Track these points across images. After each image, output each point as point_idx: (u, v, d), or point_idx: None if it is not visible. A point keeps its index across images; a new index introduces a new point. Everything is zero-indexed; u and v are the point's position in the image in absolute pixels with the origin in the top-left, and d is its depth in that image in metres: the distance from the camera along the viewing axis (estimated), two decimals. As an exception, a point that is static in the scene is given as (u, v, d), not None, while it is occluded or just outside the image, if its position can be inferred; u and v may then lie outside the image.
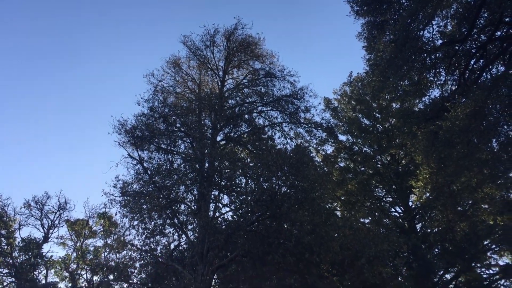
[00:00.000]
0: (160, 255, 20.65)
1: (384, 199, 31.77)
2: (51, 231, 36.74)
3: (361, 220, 29.11)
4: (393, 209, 31.03)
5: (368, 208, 29.80)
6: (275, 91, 26.12)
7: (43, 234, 36.27)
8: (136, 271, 22.03)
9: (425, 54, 19.70)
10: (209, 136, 23.11)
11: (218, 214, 21.23)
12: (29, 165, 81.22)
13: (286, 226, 19.33)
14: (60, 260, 35.63)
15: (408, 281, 26.45)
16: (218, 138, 24.10)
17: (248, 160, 22.20)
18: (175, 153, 22.62)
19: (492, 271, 27.68)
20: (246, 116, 24.67)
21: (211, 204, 21.11)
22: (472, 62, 20.12)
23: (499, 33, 18.95)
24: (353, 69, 70.96)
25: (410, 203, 29.71)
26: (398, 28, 18.39)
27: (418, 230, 28.86)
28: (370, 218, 29.53)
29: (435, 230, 28.03)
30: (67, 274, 35.53)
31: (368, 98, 31.97)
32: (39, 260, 34.11)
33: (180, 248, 21.56)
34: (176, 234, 21.02)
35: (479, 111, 17.43)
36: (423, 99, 23.73)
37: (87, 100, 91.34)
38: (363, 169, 31.14)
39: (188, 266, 19.75)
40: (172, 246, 21.19)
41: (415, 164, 26.17)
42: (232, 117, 23.70)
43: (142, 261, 21.62)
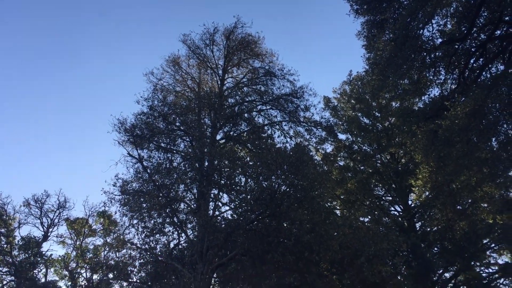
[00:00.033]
0: (160, 254, 20.67)
1: (384, 198, 31.79)
2: (51, 230, 36.79)
3: (361, 219, 29.17)
4: (393, 208, 31.08)
5: (368, 207, 29.81)
6: (275, 90, 26.18)
7: (43, 233, 36.31)
8: (136, 270, 22.10)
9: (425, 53, 19.67)
10: (209, 135, 23.10)
11: (218, 213, 21.26)
12: (29, 164, 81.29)
13: (286, 225, 19.34)
14: (60, 259, 35.71)
15: (408, 280, 26.50)
16: (218, 137, 24.13)
17: (248, 159, 22.19)
18: (175, 152, 22.64)
19: (492, 270, 27.77)
20: (246, 115, 24.68)
21: (211, 203, 21.13)
22: (472, 61, 20.12)
23: (499, 32, 18.93)
24: (353, 68, 71.08)
25: (410, 202, 29.73)
26: (398, 27, 18.36)
27: (418, 229, 28.89)
28: (370, 217, 29.56)
29: (435, 229, 28.06)
30: (67, 273, 35.58)
31: (368, 97, 31.95)
32: (39, 259, 34.14)
33: (180, 247, 21.58)
34: (176, 233, 21.08)
35: (479, 110, 17.41)
36: (423, 98, 23.76)
37: (87, 99, 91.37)
38: (363, 168, 31.14)
39: (188, 265, 19.77)
40: (172, 245, 21.23)
41: (415, 163, 26.17)
42: (232, 116, 23.69)
43: (142, 260, 21.66)
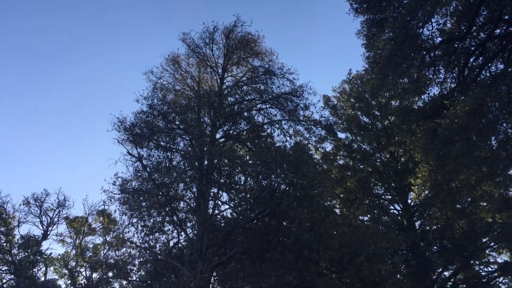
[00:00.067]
0: (159, 253, 20.68)
1: (383, 197, 31.80)
2: (50, 229, 36.76)
3: (360, 218, 29.17)
4: (392, 207, 31.11)
5: (367, 206, 29.84)
6: (274, 89, 26.17)
7: (42, 232, 36.28)
8: (135, 268, 22.09)
9: (425, 52, 19.68)
10: (208, 134, 23.10)
11: (217, 212, 21.26)
12: (29, 162, 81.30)
13: (285, 224, 19.34)
14: (59, 258, 35.70)
15: (407, 279, 26.53)
16: (217, 136, 24.13)
17: (247, 158, 22.18)
18: (174, 151, 22.63)
19: (491, 269, 27.84)
20: (245, 114, 24.68)
21: (210, 202, 21.14)
22: (471, 60, 20.13)
23: (498, 31, 18.95)
24: (353, 67, 70.87)
25: (409, 201, 29.77)
26: (398, 26, 18.36)
27: (417, 228, 28.92)
28: (369, 216, 29.58)
29: (434, 228, 28.09)
30: (67, 271, 35.59)
31: (367, 96, 31.96)
32: (38, 258, 34.16)
33: (179, 246, 21.59)
34: (175, 232, 21.09)
35: (478, 109, 17.42)
36: (422, 97, 23.79)
37: (87, 98, 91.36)
38: (362, 167, 31.15)
39: (187, 264, 19.78)
40: (171, 244, 21.24)
41: (414, 162, 26.19)
42: (231, 115, 23.70)
43: (141, 259, 21.65)
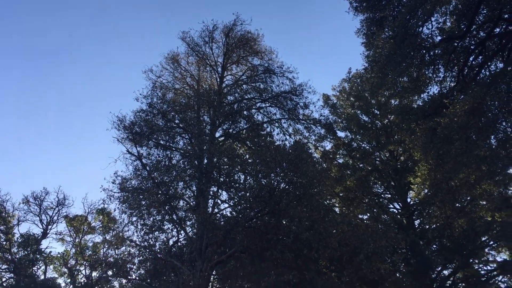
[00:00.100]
0: (159, 251, 20.68)
1: (383, 196, 31.82)
2: (50, 227, 36.84)
3: (360, 216, 29.20)
4: (392, 206, 31.10)
5: (367, 205, 29.84)
6: (274, 88, 26.16)
7: (42, 230, 36.34)
8: (135, 267, 22.10)
9: (424, 51, 19.68)
10: (208, 132, 23.10)
11: (217, 210, 21.28)
12: (28, 161, 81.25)
13: (285, 222, 19.36)
14: (59, 256, 35.76)
15: (406, 277, 26.57)
16: (217, 134, 24.13)
17: (247, 156, 22.21)
18: (174, 149, 22.62)
19: (490, 267, 27.85)
20: (245, 112, 24.68)
21: (210, 200, 21.15)
22: (471, 59, 20.12)
23: (498, 30, 18.95)
24: (352, 66, 70.83)
25: (409, 200, 29.79)
26: (397, 25, 18.34)
27: (416, 227, 28.94)
28: (369, 214, 29.60)
29: (433, 226, 28.10)
30: (66, 270, 35.64)
31: (367, 95, 31.94)
32: (38, 256, 34.21)
33: (179, 244, 21.61)
34: (175, 230, 21.11)
35: (478, 108, 17.42)
36: (422, 96, 23.80)
37: (86, 96, 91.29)
38: (362, 166, 31.15)
39: (187, 262, 19.81)
40: (171, 242, 21.27)
41: (414, 161, 26.21)
42: (231, 113, 23.69)
43: (141, 257, 21.66)
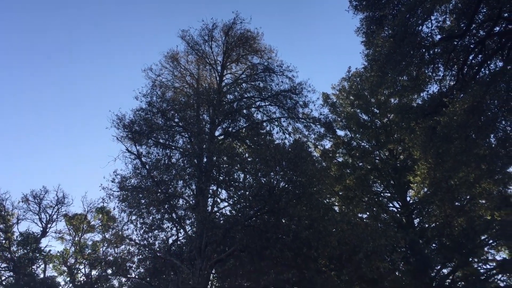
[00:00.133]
0: (158, 250, 20.69)
1: (382, 194, 31.81)
2: (49, 226, 36.84)
3: (359, 215, 29.19)
4: (391, 204, 31.10)
5: (366, 203, 29.84)
6: (274, 86, 26.14)
7: (41, 229, 36.34)
8: (134, 266, 22.10)
9: (424, 49, 19.65)
10: (207, 131, 23.10)
11: (216, 209, 21.31)
12: (28, 160, 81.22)
13: (284, 221, 19.35)
14: (58, 255, 35.76)
15: (406, 276, 26.56)
16: (216, 133, 24.10)
17: (246, 155, 22.18)
18: (173, 148, 22.61)
19: (489, 266, 27.87)
20: (245, 111, 24.66)
21: (209, 199, 21.14)
22: (471, 58, 20.09)
23: (498, 29, 18.92)
24: (352, 65, 70.90)
25: (408, 198, 29.79)
26: (397, 23, 18.31)
27: (416, 225, 28.95)
28: (368, 213, 29.61)
29: (433, 225, 28.12)
30: (66, 269, 35.64)
31: (367, 93, 31.91)
32: (37, 255, 34.22)
33: (178, 243, 21.61)
34: (174, 229, 21.08)
35: (477, 107, 17.43)
36: (422, 94, 23.75)
37: (85, 95, 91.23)
38: (361, 164, 31.15)
39: (186, 261, 19.80)
40: (170, 241, 21.26)
41: (413, 159, 26.20)
42: (231, 112, 23.68)
43: (140, 256, 21.66)
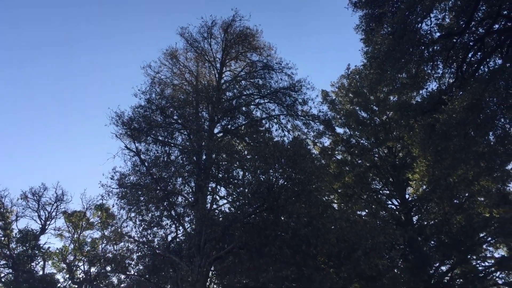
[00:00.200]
0: (157, 247, 20.70)
1: (381, 192, 31.82)
2: (48, 223, 36.89)
3: (358, 213, 29.18)
4: (390, 202, 31.11)
5: (365, 201, 29.86)
6: (273, 84, 26.13)
7: (40, 226, 36.39)
8: (134, 263, 22.09)
9: (423, 47, 19.64)
10: (207, 128, 23.09)
11: (215, 206, 21.31)
12: (26, 157, 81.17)
13: (283, 218, 19.37)
14: (58, 252, 35.79)
15: (404, 273, 26.61)
16: (216, 131, 24.10)
17: (246, 153, 22.18)
18: (172, 145, 22.62)
19: (488, 263, 27.93)
20: (244, 109, 24.64)
21: (208, 196, 21.16)
22: (470, 55, 20.09)
23: (497, 26, 18.88)
24: (351, 62, 70.62)
25: (407, 196, 29.79)
26: (396, 21, 18.28)
27: (415, 223, 28.97)
28: (367, 211, 29.60)
29: (431, 223, 28.14)
30: (65, 266, 35.68)
31: (366, 91, 31.88)
32: (37, 252, 34.24)
33: (177, 240, 21.62)
34: (173, 226, 21.09)
35: (476, 104, 17.43)
36: (421, 92, 23.77)
37: (85, 92, 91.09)
38: (360, 162, 31.14)
39: (185, 258, 19.82)
40: (169, 238, 21.28)
41: (412, 157, 26.22)
42: (230, 110, 23.66)
43: (140, 253, 21.65)
